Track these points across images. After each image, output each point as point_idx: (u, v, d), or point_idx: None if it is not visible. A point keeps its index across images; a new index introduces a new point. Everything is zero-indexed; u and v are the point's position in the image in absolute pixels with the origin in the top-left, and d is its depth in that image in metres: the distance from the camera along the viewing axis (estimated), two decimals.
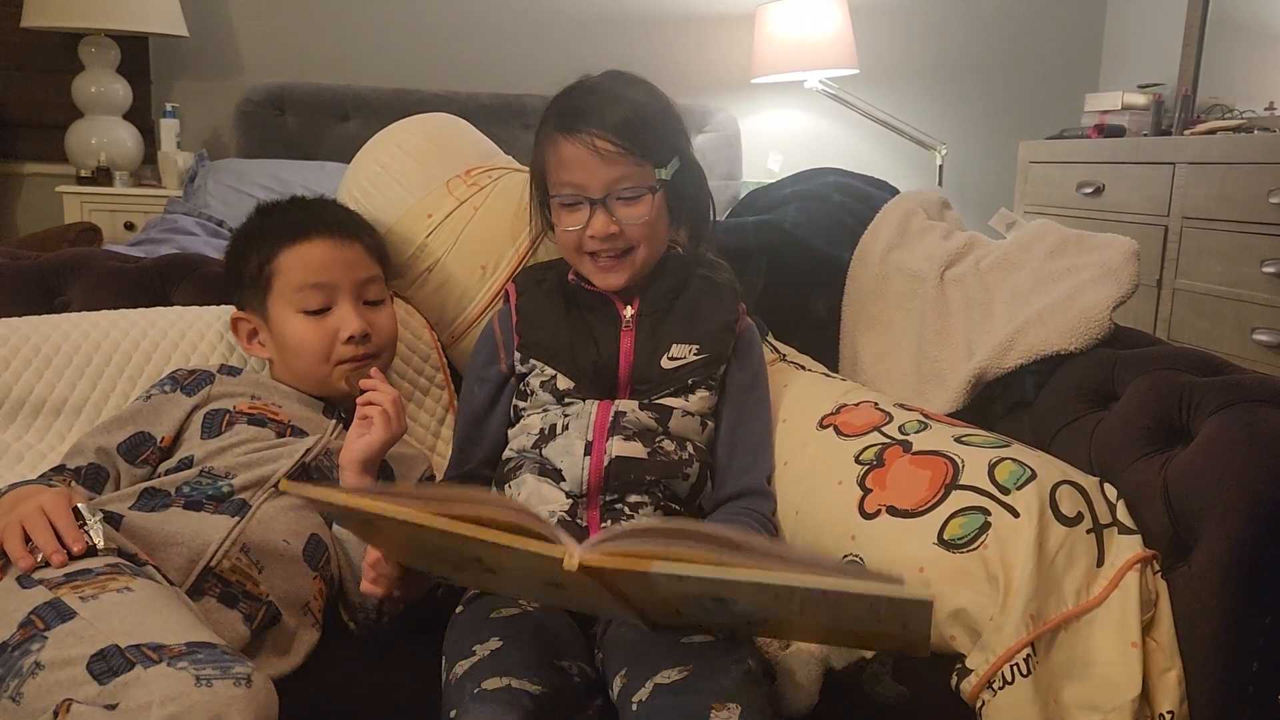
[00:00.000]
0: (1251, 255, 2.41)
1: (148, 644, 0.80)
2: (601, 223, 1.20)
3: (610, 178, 1.20)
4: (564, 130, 1.21)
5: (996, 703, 1.02)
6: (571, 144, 1.20)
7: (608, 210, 1.20)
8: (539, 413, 1.23)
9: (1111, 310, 1.30)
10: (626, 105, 1.21)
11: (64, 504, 0.96)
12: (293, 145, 3.18)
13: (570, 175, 1.21)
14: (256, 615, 1.03)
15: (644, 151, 1.21)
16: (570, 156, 1.20)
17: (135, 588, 0.89)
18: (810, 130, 3.70)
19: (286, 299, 1.24)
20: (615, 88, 1.24)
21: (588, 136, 1.19)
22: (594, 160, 1.19)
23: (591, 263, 1.24)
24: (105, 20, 2.99)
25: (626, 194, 1.21)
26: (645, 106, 1.23)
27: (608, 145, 1.18)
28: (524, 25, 3.49)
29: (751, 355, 1.31)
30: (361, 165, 1.50)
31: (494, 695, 0.91)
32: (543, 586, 0.91)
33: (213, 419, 1.19)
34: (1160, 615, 1.06)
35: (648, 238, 1.23)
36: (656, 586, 0.81)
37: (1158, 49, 3.47)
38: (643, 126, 1.21)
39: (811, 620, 0.84)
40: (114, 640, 0.81)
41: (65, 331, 1.34)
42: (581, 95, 1.23)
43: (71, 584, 0.88)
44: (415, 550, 0.96)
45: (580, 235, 1.22)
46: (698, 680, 0.92)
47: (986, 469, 1.14)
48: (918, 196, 1.64)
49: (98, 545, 0.94)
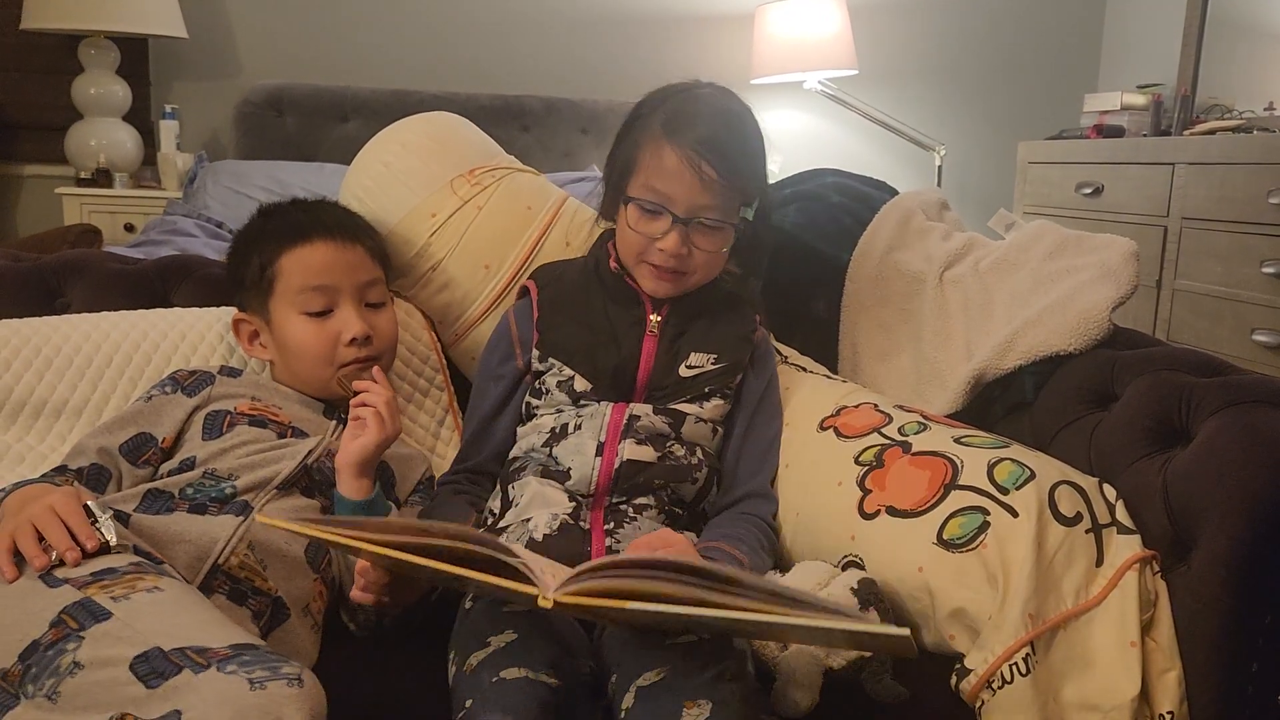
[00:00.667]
0: (1251, 256, 2.41)
1: (191, 647, 0.80)
2: (675, 242, 1.20)
3: (701, 202, 1.19)
4: (671, 135, 1.19)
5: (996, 702, 1.02)
6: (675, 153, 1.18)
7: (685, 232, 1.20)
8: (552, 413, 1.23)
9: (1111, 311, 1.30)
10: (736, 131, 1.21)
11: (74, 502, 0.97)
12: (292, 146, 3.18)
13: (663, 184, 1.20)
14: (265, 612, 1.03)
15: (739, 185, 1.21)
16: (670, 166, 1.19)
17: (164, 587, 0.89)
18: (810, 131, 3.70)
19: (288, 301, 1.24)
20: (727, 105, 1.23)
21: (694, 154, 1.17)
22: (692, 179, 1.18)
23: (649, 269, 1.24)
24: (105, 22, 2.99)
25: (710, 223, 1.21)
26: (750, 137, 1.23)
27: (711, 172, 1.17)
28: (523, 26, 3.49)
29: (767, 364, 1.32)
30: (365, 164, 1.50)
31: (514, 685, 0.91)
32: (528, 602, 0.92)
33: (214, 420, 1.19)
34: (1160, 615, 1.06)
35: (707, 268, 1.25)
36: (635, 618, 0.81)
37: (1157, 49, 3.47)
38: (743, 159, 1.21)
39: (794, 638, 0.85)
40: (156, 642, 0.81)
41: (65, 333, 1.34)
42: (694, 102, 1.23)
43: (99, 583, 0.88)
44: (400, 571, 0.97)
45: (648, 242, 1.21)
46: (673, 679, 0.93)
47: (986, 469, 1.14)
48: (917, 197, 1.64)
49: (110, 542, 0.94)
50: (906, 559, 1.11)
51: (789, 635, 0.87)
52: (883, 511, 1.16)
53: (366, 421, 1.15)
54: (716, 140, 1.19)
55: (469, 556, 0.82)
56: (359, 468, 1.14)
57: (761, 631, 0.87)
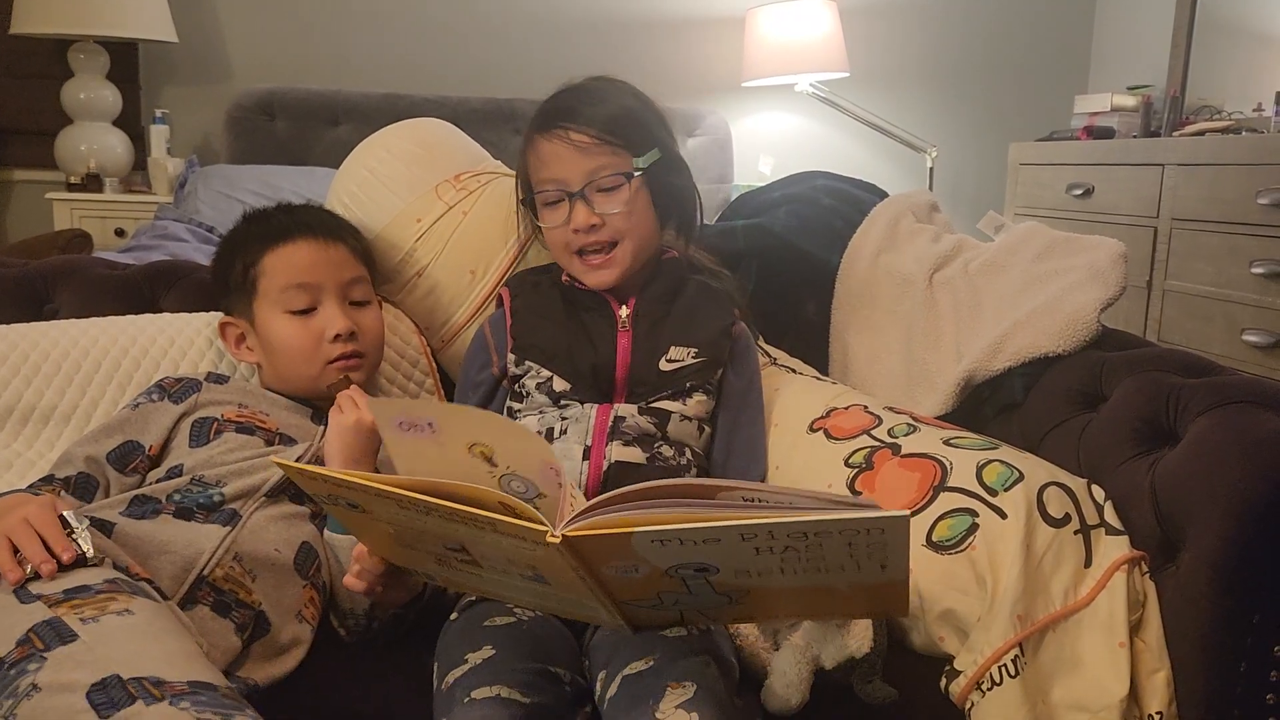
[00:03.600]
0: (1240, 256, 2.42)
1: (149, 678, 0.79)
2: (583, 214, 1.22)
3: (587, 168, 1.21)
4: (541, 129, 1.24)
5: (985, 704, 1.02)
6: (548, 141, 1.22)
7: (587, 201, 1.22)
8: (535, 415, 1.23)
9: (1099, 312, 1.31)
10: (600, 100, 1.23)
11: (50, 513, 0.95)
12: (283, 150, 3.17)
13: (549, 171, 1.23)
14: (248, 625, 1.02)
15: (621, 141, 1.22)
16: (548, 152, 1.23)
17: (135, 609, 0.88)
18: (801, 133, 3.71)
19: (272, 300, 1.24)
20: (592, 86, 1.26)
21: (563, 131, 1.21)
22: (570, 153, 1.21)
23: (580, 262, 1.25)
24: (94, 27, 2.99)
25: (605, 183, 1.22)
26: (621, 101, 1.25)
27: (583, 137, 1.20)
28: (515, 30, 3.49)
29: (747, 360, 1.32)
30: (350, 171, 1.50)
31: (483, 704, 0.91)
32: (527, 582, 0.91)
33: (200, 427, 1.19)
34: (1148, 616, 1.06)
35: (630, 229, 1.24)
36: (638, 559, 0.81)
37: (1146, 51, 3.48)
38: (619, 118, 1.23)
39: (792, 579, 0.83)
40: (115, 670, 0.80)
41: (54, 339, 1.34)
42: (560, 97, 1.26)
43: (70, 603, 0.87)
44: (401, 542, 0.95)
45: (566, 232, 1.23)
46: (659, 664, 0.94)
47: (975, 471, 1.14)
48: (906, 199, 1.65)
49: (87, 553, 0.93)
50: None
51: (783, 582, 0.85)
52: None
53: (341, 406, 1.16)
54: (575, 109, 1.22)
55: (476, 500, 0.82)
56: (344, 453, 1.13)
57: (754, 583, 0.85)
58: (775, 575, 0.82)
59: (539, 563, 0.84)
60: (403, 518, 0.88)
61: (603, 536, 0.79)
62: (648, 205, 1.26)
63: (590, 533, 0.79)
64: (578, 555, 0.81)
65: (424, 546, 0.92)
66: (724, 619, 0.98)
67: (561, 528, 0.79)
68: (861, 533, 0.76)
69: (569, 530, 0.79)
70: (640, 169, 1.23)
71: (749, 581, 0.84)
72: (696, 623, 0.97)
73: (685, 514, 0.77)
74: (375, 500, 0.86)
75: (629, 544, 0.79)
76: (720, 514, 0.76)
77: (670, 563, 0.82)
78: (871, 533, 0.76)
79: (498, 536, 0.83)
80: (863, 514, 0.74)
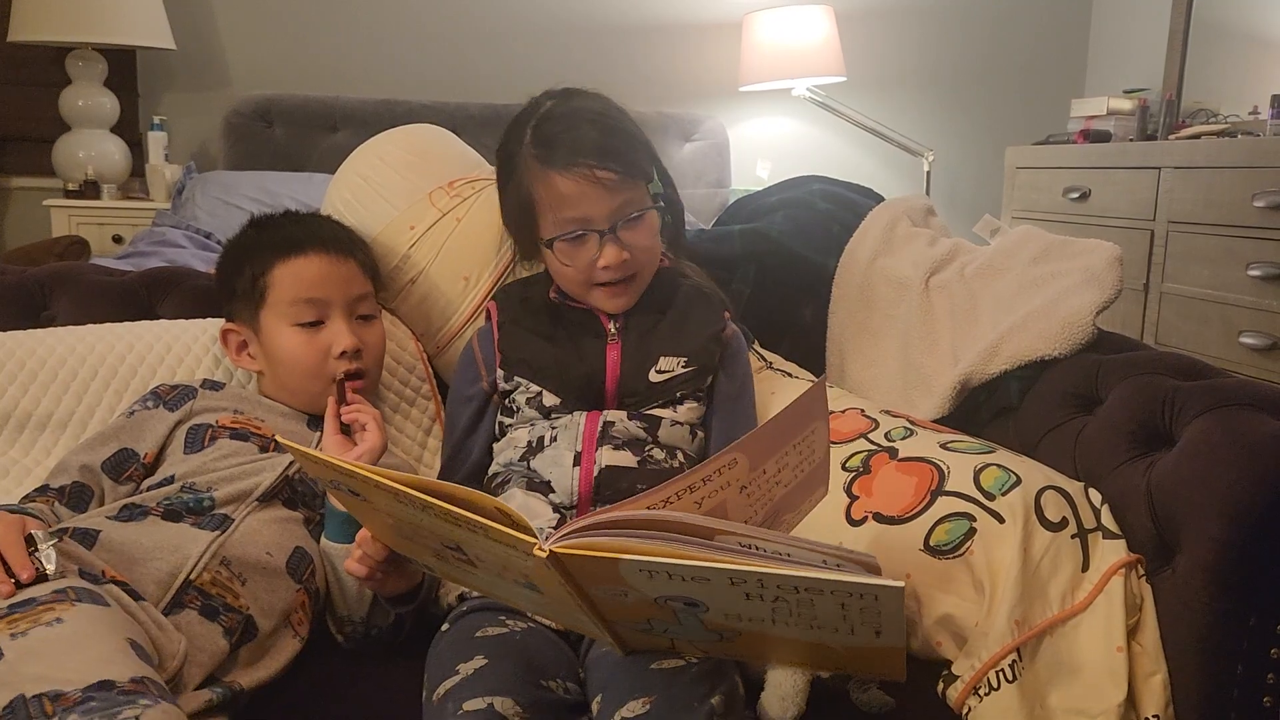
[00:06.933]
0: (1237, 259, 2.42)
1: (48, 692, 0.79)
2: (613, 253, 1.19)
3: (614, 205, 1.19)
4: (555, 165, 1.18)
5: (983, 709, 1.02)
6: (571, 180, 1.18)
7: (617, 239, 1.19)
8: (525, 427, 1.23)
9: (1095, 315, 1.31)
10: (605, 125, 1.21)
11: (14, 533, 0.94)
12: (281, 157, 3.17)
13: (574, 210, 1.19)
14: (236, 629, 1.02)
15: (636, 171, 1.20)
16: (572, 192, 1.18)
17: (67, 618, 0.86)
18: (798, 137, 3.72)
19: (279, 312, 1.25)
20: (584, 107, 1.23)
21: (585, 169, 1.16)
22: (597, 192, 1.17)
23: (601, 292, 1.23)
24: (92, 34, 2.99)
25: (633, 218, 1.20)
26: (619, 124, 1.23)
27: (609, 175, 1.17)
28: (512, 36, 3.50)
29: (738, 364, 1.31)
30: (344, 178, 1.50)
31: (474, 715, 0.90)
32: (520, 588, 0.91)
33: (195, 434, 1.19)
34: (1145, 619, 1.06)
35: (650, 257, 1.25)
36: (626, 585, 0.81)
37: (1142, 54, 3.49)
38: (625, 145, 1.20)
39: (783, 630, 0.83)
40: (23, 689, 0.79)
41: (51, 346, 1.34)
42: (551, 122, 1.21)
43: (9, 618, 0.86)
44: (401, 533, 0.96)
45: (590, 268, 1.21)
46: (658, 709, 0.90)
47: (972, 475, 1.14)
48: (903, 203, 1.65)
49: (48, 571, 0.92)
50: (893, 566, 1.11)
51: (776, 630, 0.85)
52: (870, 518, 1.16)
53: (368, 426, 1.16)
54: (595, 143, 1.18)
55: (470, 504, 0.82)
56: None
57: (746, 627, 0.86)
58: (766, 624, 0.82)
59: (530, 572, 0.84)
60: (400, 511, 0.88)
61: (590, 557, 0.78)
62: (659, 228, 1.26)
63: (578, 552, 0.78)
64: (565, 572, 0.81)
65: (422, 540, 0.93)
66: (715, 653, 0.96)
67: (551, 542, 0.79)
68: (855, 596, 0.75)
69: (557, 546, 0.78)
70: (656, 194, 1.23)
71: (739, 624, 0.84)
72: (688, 652, 0.95)
73: (676, 549, 0.76)
74: (374, 491, 0.87)
75: (616, 569, 0.78)
76: (711, 554, 0.75)
77: (658, 593, 0.81)
78: (865, 598, 0.74)
79: (490, 542, 0.82)
80: (856, 579, 0.73)
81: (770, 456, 0.92)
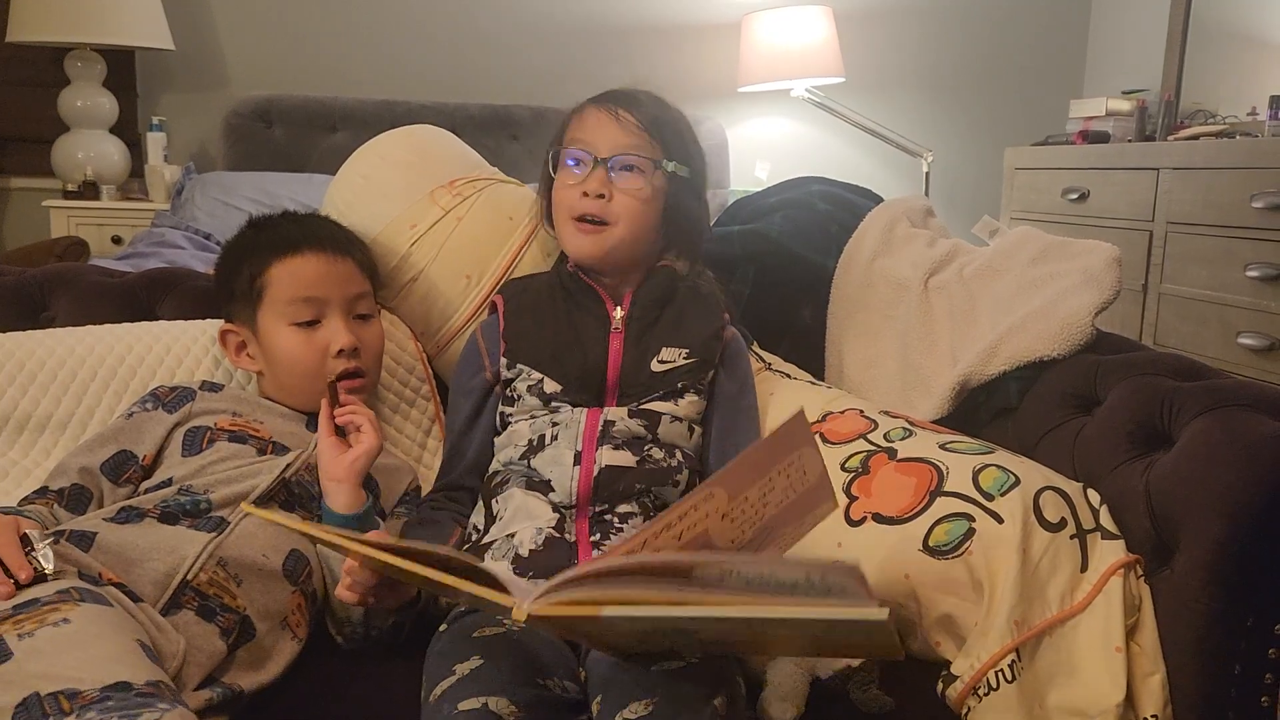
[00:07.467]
0: (1235, 259, 2.42)
1: (64, 690, 0.79)
2: (598, 180, 1.25)
3: (620, 142, 1.26)
4: (596, 101, 1.30)
5: (982, 709, 1.02)
6: (597, 109, 1.29)
7: (607, 173, 1.26)
8: (526, 419, 1.23)
9: (1093, 316, 1.31)
10: (653, 97, 1.31)
11: (10, 534, 0.95)
12: (280, 157, 3.17)
13: (585, 133, 1.28)
14: (233, 629, 1.02)
15: (660, 141, 1.27)
16: (591, 119, 1.29)
17: (74, 618, 0.87)
18: (798, 138, 3.72)
19: (277, 311, 1.25)
20: (657, 96, 1.33)
21: (614, 108, 1.27)
22: (612, 125, 1.27)
23: (573, 227, 1.28)
24: (91, 34, 2.99)
25: (629, 161, 1.26)
26: (669, 108, 1.32)
27: (630, 118, 1.27)
28: (512, 36, 3.50)
29: (739, 363, 1.32)
30: (345, 178, 1.50)
31: (471, 715, 0.90)
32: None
33: (193, 436, 1.19)
34: (1144, 620, 1.06)
35: (630, 218, 1.26)
36: (613, 627, 0.81)
37: (1141, 55, 3.49)
38: (670, 125, 1.30)
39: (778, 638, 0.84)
40: (36, 687, 0.80)
41: (50, 347, 1.34)
42: (620, 88, 1.32)
43: (15, 618, 0.87)
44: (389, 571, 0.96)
45: (575, 192, 1.26)
46: (662, 715, 0.90)
47: (971, 475, 1.14)
48: (902, 204, 1.65)
49: (46, 570, 0.92)
50: (893, 566, 1.11)
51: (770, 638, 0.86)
52: (869, 518, 1.17)
53: (364, 428, 1.16)
54: (633, 96, 1.30)
55: (449, 562, 0.82)
56: (361, 477, 1.15)
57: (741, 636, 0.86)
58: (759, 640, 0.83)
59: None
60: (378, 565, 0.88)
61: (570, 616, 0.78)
62: (657, 210, 1.29)
63: (557, 612, 0.78)
64: (549, 625, 0.81)
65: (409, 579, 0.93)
66: (715, 652, 0.96)
67: (528, 605, 0.79)
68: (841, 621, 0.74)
69: (535, 609, 0.78)
70: (665, 168, 1.27)
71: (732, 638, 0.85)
72: (688, 654, 0.95)
73: (654, 593, 0.75)
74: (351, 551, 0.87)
75: (598, 620, 0.78)
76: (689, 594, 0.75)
77: (646, 628, 0.81)
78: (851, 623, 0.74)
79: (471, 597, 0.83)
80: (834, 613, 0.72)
81: (750, 486, 0.91)
